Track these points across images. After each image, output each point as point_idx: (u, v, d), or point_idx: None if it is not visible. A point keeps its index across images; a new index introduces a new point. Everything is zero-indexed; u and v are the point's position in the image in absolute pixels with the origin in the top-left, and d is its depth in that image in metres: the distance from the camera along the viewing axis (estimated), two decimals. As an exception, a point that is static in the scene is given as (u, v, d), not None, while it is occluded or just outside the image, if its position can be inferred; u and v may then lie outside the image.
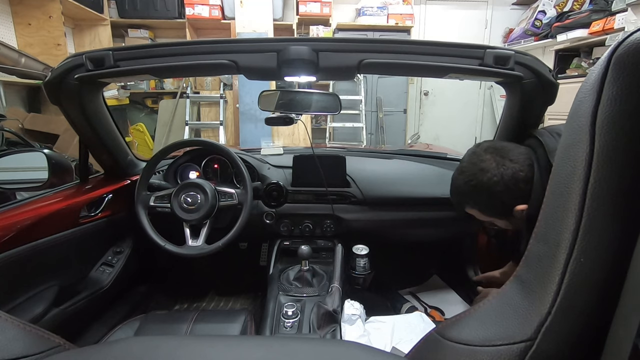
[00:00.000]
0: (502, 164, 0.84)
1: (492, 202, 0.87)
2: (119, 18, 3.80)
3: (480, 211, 0.92)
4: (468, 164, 0.89)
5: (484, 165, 0.85)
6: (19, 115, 2.58)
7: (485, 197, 0.86)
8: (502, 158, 0.84)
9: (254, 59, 0.86)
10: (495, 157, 0.85)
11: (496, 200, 0.85)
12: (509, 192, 0.83)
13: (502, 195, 0.83)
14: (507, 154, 0.85)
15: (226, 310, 1.47)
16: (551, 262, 0.31)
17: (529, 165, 0.83)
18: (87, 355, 0.40)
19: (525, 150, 0.87)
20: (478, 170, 0.86)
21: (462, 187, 0.90)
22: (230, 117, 3.78)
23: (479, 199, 0.89)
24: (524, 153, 0.85)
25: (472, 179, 0.87)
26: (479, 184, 0.86)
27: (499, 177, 0.83)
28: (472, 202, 0.91)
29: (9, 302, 0.88)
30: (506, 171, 0.83)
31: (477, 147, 0.91)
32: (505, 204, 0.85)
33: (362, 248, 1.19)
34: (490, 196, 0.85)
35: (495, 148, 0.87)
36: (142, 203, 1.13)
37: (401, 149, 1.77)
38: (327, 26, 3.99)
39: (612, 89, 0.27)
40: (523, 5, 4.35)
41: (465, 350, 0.36)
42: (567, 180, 0.30)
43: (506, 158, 0.84)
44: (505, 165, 0.83)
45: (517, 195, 0.83)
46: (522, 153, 0.85)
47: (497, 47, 0.85)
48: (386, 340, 0.92)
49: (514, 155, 0.84)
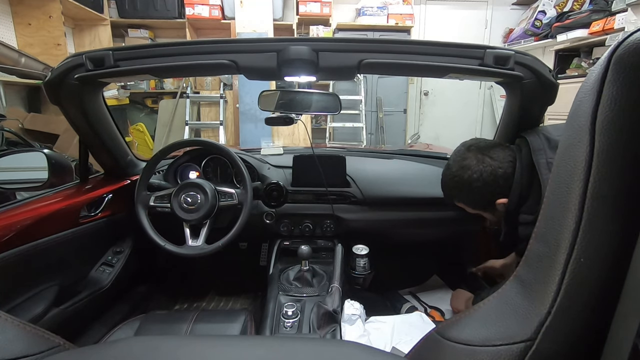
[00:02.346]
0: (482, 161, 0.90)
1: (473, 197, 0.94)
2: (119, 18, 3.80)
3: (466, 205, 0.99)
4: (453, 162, 0.96)
5: (465, 162, 0.92)
6: (19, 115, 2.58)
7: (467, 192, 0.93)
8: (482, 155, 0.91)
9: (254, 59, 0.86)
10: (477, 155, 0.91)
11: (476, 195, 0.92)
12: (487, 188, 0.90)
13: (481, 190, 0.90)
14: (488, 151, 0.91)
15: (226, 310, 1.47)
16: (551, 262, 0.31)
17: (509, 162, 0.89)
18: (87, 355, 0.40)
19: (509, 148, 0.92)
20: (460, 167, 0.93)
21: (448, 183, 0.98)
22: (230, 117, 3.78)
23: (462, 193, 0.96)
24: (507, 151, 0.91)
25: (455, 175, 0.94)
26: (460, 180, 0.93)
27: (478, 174, 0.89)
28: (458, 196, 0.98)
29: (9, 302, 0.88)
30: (485, 168, 0.89)
31: (462, 146, 0.98)
32: (485, 199, 0.92)
33: (362, 248, 1.19)
34: (471, 191, 0.92)
35: (478, 146, 0.93)
36: (142, 203, 1.13)
37: (401, 149, 1.77)
38: (327, 26, 3.99)
39: (612, 89, 0.27)
40: (523, 5, 4.35)
41: (465, 350, 0.36)
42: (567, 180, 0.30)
43: (487, 155, 0.90)
44: (484, 162, 0.90)
45: (496, 190, 0.89)
46: (504, 151, 0.91)
47: (497, 47, 0.85)
48: (386, 340, 0.92)
49: (495, 153, 0.90)
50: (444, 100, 4.66)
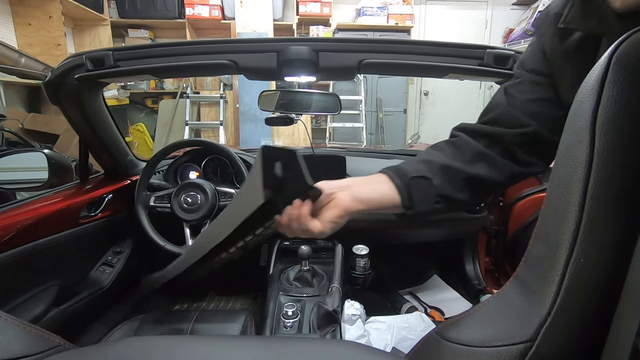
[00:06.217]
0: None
1: None
2: (119, 18, 3.80)
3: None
4: None
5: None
6: (19, 115, 2.59)
7: None
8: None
9: (254, 59, 0.86)
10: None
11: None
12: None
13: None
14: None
15: (226, 310, 1.47)
16: (551, 263, 0.31)
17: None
18: (87, 355, 0.40)
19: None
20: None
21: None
22: (230, 117, 3.78)
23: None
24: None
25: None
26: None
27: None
28: None
29: (9, 302, 0.88)
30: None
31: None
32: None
33: (362, 248, 1.19)
34: None
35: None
36: (142, 203, 1.13)
37: (401, 149, 1.77)
38: (327, 26, 3.99)
39: (612, 89, 0.27)
40: (523, 5, 4.35)
41: (465, 351, 0.36)
42: (567, 181, 0.30)
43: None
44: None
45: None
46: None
47: (497, 47, 0.85)
48: (386, 340, 0.91)
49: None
50: (444, 101, 4.65)
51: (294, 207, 0.52)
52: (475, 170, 0.58)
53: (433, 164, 0.58)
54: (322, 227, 0.54)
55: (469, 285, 1.38)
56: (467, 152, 0.59)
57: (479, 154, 0.59)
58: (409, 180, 0.57)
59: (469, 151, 0.59)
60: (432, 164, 0.59)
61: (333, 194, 0.56)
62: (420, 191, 0.57)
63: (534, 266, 0.34)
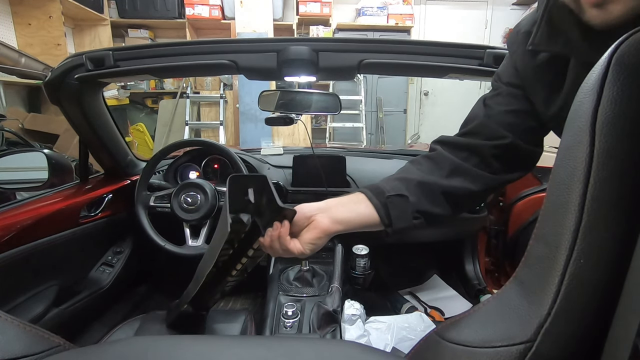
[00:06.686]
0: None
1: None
2: (119, 18, 3.81)
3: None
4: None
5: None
6: (19, 115, 2.59)
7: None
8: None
9: (254, 59, 0.86)
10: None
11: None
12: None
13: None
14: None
15: (226, 310, 1.47)
16: (551, 263, 0.31)
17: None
18: (87, 355, 0.40)
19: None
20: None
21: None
22: (230, 117, 3.78)
23: None
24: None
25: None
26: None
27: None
28: None
29: (9, 302, 0.88)
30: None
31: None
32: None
33: (362, 248, 1.19)
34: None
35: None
36: (142, 203, 1.13)
37: (401, 149, 1.77)
38: (327, 26, 3.99)
39: (612, 90, 0.27)
40: (523, 5, 4.36)
41: (465, 352, 0.36)
42: (567, 181, 0.30)
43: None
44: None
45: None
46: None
47: (497, 47, 0.85)
48: (386, 340, 0.91)
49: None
50: (444, 101, 4.65)
51: (274, 229, 0.56)
52: (452, 184, 0.60)
53: (410, 180, 0.60)
54: (302, 248, 0.57)
55: (469, 285, 1.38)
56: (444, 166, 0.61)
57: (455, 167, 0.60)
58: (386, 199, 0.59)
59: (446, 165, 0.61)
60: (408, 181, 0.60)
61: (312, 216, 0.58)
62: (398, 209, 0.59)
63: (534, 266, 0.34)
